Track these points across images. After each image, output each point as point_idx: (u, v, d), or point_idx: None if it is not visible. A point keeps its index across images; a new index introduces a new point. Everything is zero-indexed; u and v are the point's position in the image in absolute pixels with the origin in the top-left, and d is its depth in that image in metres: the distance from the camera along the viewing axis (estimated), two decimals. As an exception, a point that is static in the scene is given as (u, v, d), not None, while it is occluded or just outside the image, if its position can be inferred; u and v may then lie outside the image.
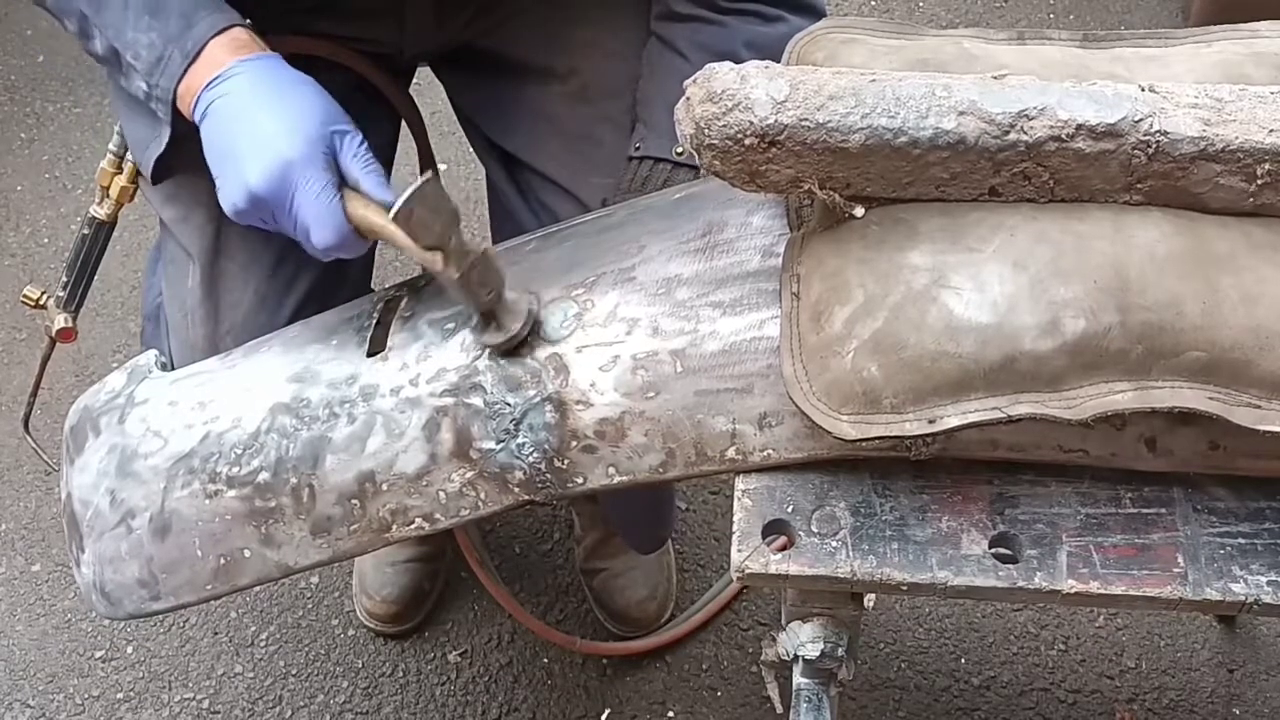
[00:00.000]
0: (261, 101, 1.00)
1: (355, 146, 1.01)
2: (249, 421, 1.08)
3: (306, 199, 0.98)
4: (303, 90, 1.02)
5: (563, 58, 1.30)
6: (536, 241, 1.14)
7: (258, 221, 1.03)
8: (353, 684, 1.72)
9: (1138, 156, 0.90)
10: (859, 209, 0.94)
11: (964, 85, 0.91)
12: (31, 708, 1.71)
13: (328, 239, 0.99)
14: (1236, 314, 0.88)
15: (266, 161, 0.98)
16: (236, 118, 1.01)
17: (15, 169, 2.38)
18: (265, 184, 0.98)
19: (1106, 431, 0.94)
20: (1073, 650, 1.71)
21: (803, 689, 1.06)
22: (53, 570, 1.84)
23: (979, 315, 0.88)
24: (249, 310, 1.24)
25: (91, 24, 1.07)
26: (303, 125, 0.99)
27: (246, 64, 1.02)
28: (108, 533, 1.12)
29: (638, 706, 1.69)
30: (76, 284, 1.33)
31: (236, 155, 1.00)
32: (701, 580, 1.80)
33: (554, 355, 1.02)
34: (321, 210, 0.98)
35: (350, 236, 1.00)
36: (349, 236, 1.00)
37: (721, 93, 0.90)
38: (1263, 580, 0.91)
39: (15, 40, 2.60)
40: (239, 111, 1.01)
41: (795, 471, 0.98)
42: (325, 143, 1.00)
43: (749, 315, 0.99)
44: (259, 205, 1.00)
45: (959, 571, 0.93)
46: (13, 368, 2.08)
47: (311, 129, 0.99)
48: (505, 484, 1.03)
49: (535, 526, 1.85)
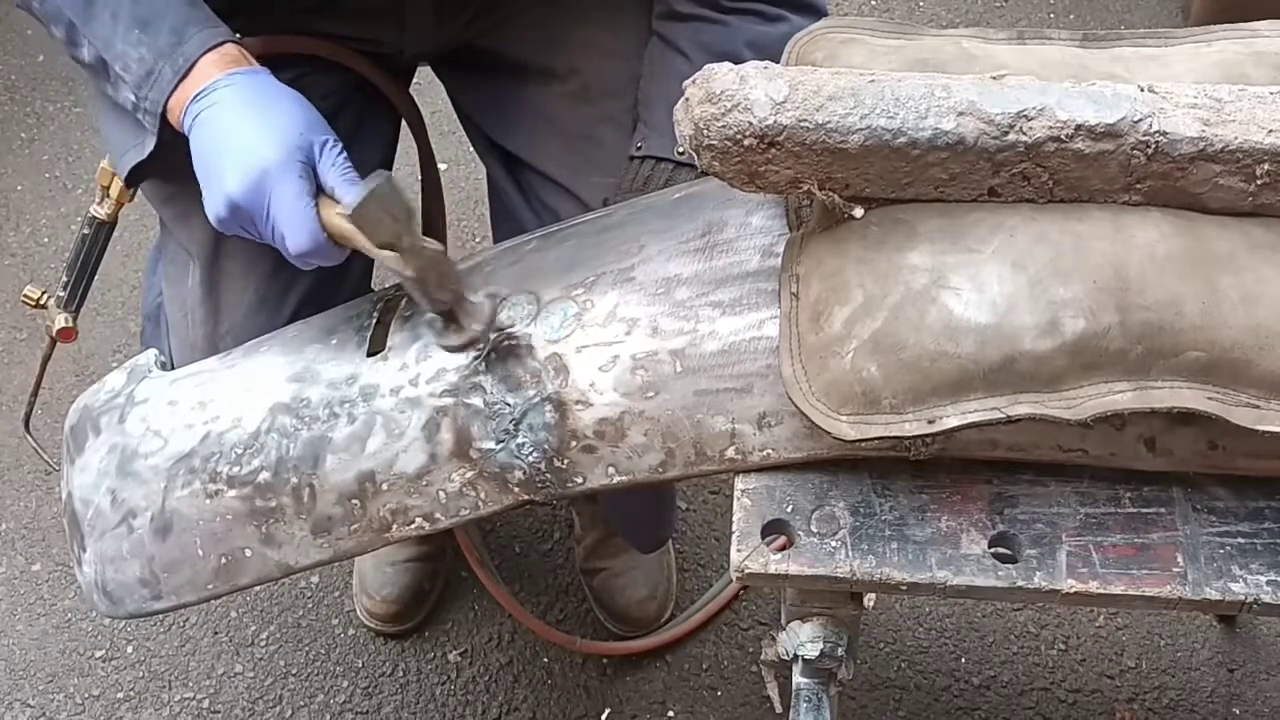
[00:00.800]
0: (244, 113, 1.01)
1: (334, 155, 1.02)
2: (249, 421, 1.09)
3: (282, 206, 0.99)
4: (285, 102, 1.03)
5: (563, 57, 1.30)
6: (537, 241, 1.14)
7: (240, 230, 1.04)
8: (353, 684, 1.72)
9: (1137, 157, 0.90)
10: (858, 209, 0.94)
11: (963, 85, 0.91)
12: (32, 707, 1.72)
13: (302, 245, 1.00)
14: (1236, 314, 0.88)
15: (244, 170, 0.99)
16: (220, 129, 1.02)
17: (15, 169, 2.38)
18: (242, 191, 0.99)
19: (1106, 431, 0.94)
20: (1073, 650, 1.71)
21: (802, 688, 1.06)
22: (53, 570, 1.85)
23: (978, 315, 0.88)
24: (249, 310, 1.24)
25: (80, 33, 1.07)
26: (281, 134, 1.00)
27: (234, 77, 1.03)
28: (109, 532, 1.12)
29: (638, 706, 1.69)
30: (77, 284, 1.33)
31: (218, 165, 1.01)
32: (701, 580, 1.80)
33: (554, 355, 1.02)
34: (296, 217, 0.99)
35: (325, 244, 1.01)
36: (324, 244, 1.01)
37: (720, 93, 0.90)
38: (1262, 580, 0.91)
39: (15, 40, 2.60)
40: (223, 123, 1.02)
41: (795, 471, 0.98)
42: (303, 151, 1.01)
43: (748, 315, 0.99)
44: (238, 213, 1.01)
45: (958, 571, 0.93)
46: (13, 367, 2.08)
47: (290, 138, 1.00)
48: (505, 484, 1.03)
49: (535, 526, 1.85)
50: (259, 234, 1.03)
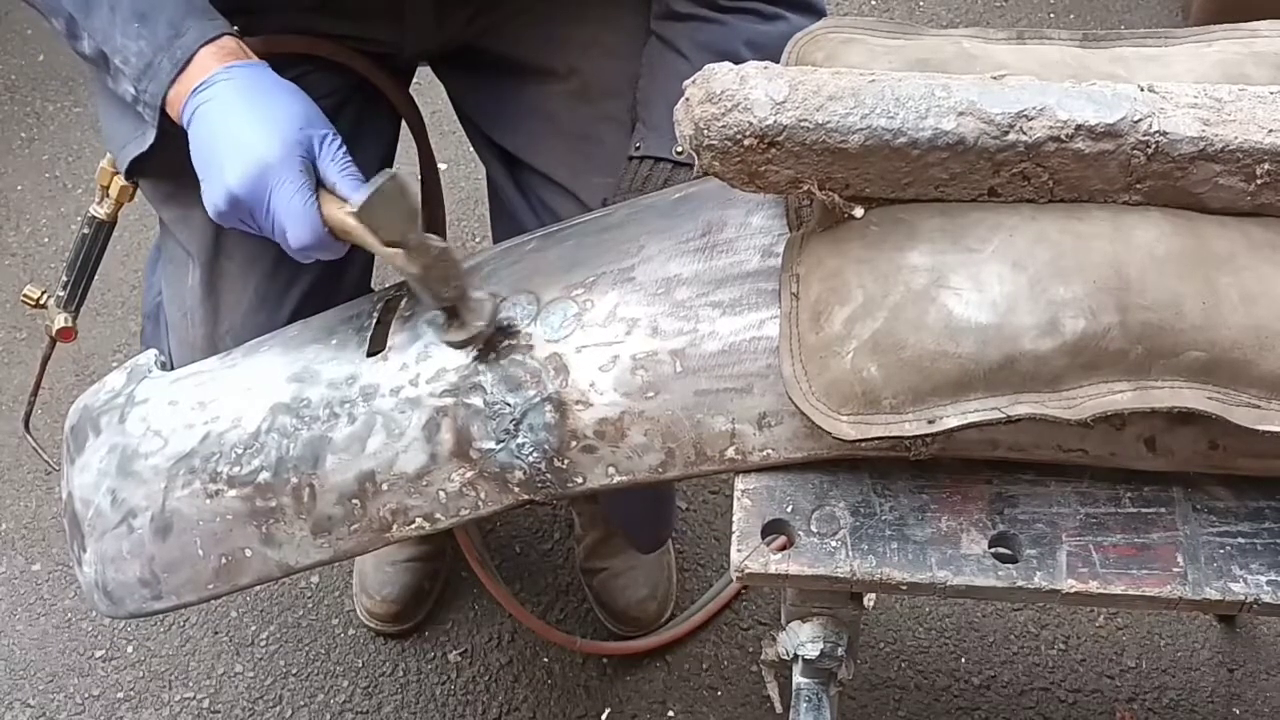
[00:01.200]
0: (243, 107, 1.02)
1: (333, 149, 1.02)
2: (249, 421, 1.09)
3: (282, 200, 0.99)
4: (283, 95, 1.03)
5: (563, 57, 1.30)
6: (537, 241, 1.14)
7: (239, 224, 1.04)
8: (353, 683, 1.72)
9: (1137, 157, 0.90)
10: (858, 209, 0.94)
11: (963, 85, 0.91)
12: (32, 707, 1.72)
13: (303, 239, 1.00)
14: (1236, 314, 0.88)
15: (244, 164, 0.99)
16: (219, 123, 1.02)
17: (15, 168, 2.38)
18: (243, 185, 1.00)
19: (1106, 431, 0.94)
20: (1073, 650, 1.71)
21: (803, 688, 1.06)
22: (53, 570, 1.85)
23: (978, 315, 0.88)
24: (248, 310, 1.24)
25: (80, 26, 1.07)
26: (280, 128, 1.00)
27: (232, 70, 1.03)
28: (109, 532, 1.12)
29: (638, 706, 1.69)
30: (77, 283, 1.33)
31: (217, 158, 1.01)
32: (701, 580, 1.80)
33: (554, 355, 1.02)
34: (297, 211, 1.00)
35: (325, 237, 1.01)
36: (324, 237, 1.01)
37: (720, 93, 0.90)
38: (1262, 579, 0.91)
39: (15, 39, 2.60)
40: (221, 117, 1.02)
41: (795, 471, 0.98)
42: (303, 145, 1.01)
43: (748, 315, 0.99)
44: (238, 206, 1.01)
45: (958, 571, 0.93)
46: (13, 367, 2.08)
47: (289, 132, 1.00)
48: (505, 484, 1.03)
49: (535, 526, 1.85)
50: (258, 227, 1.03)
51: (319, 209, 1.00)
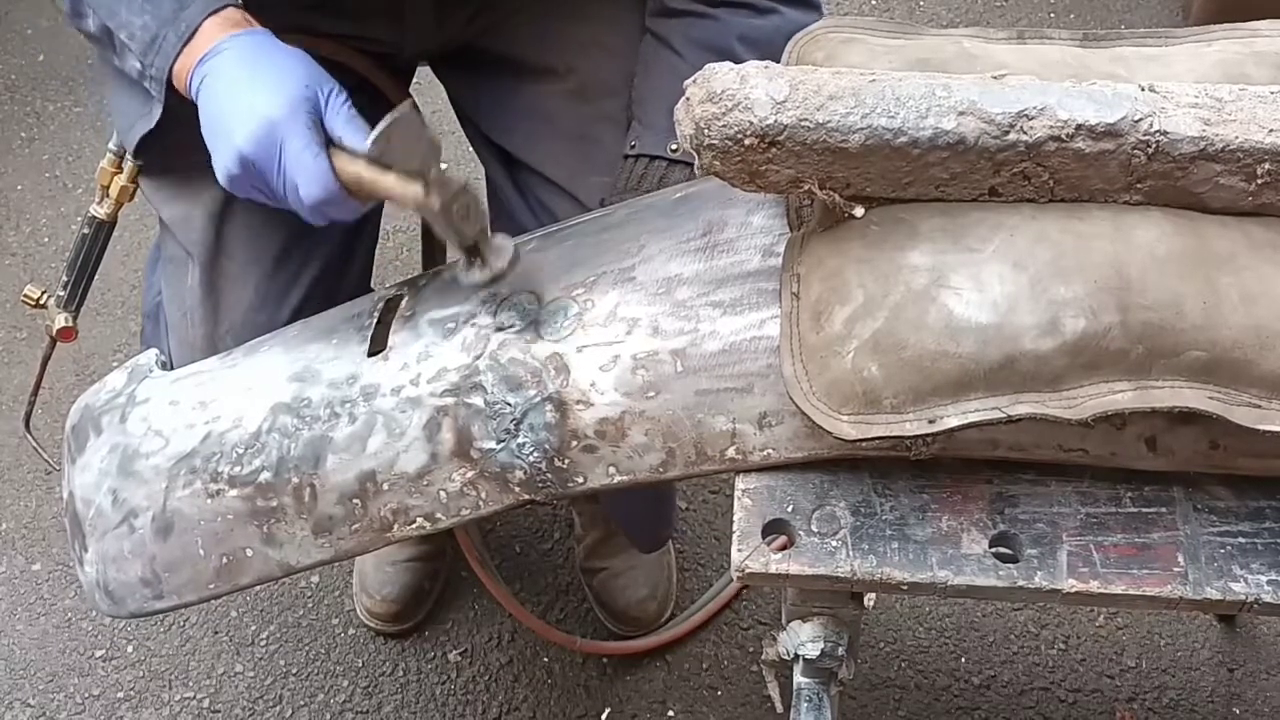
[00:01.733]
0: (248, 71, 1.02)
1: (339, 104, 1.02)
2: (250, 421, 1.09)
3: (293, 155, 0.99)
4: (286, 58, 1.03)
5: (561, 56, 1.30)
6: (536, 241, 1.14)
7: (251, 190, 1.04)
8: (353, 683, 1.72)
9: (1138, 156, 0.90)
10: (859, 209, 0.94)
11: (964, 85, 0.91)
12: (32, 707, 1.72)
13: (315, 193, 1.00)
14: (1237, 313, 0.88)
15: (252, 124, 0.99)
16: (225, 90, 1.02)
17: (15, 168, 2.38)
18: (252, 145, 0.99)
19: (1106, 431, 0.94)
20: (1073, 649, 1.71)
21: (803, 688, 1.06)
22: (53, 569, 1.85)
23: (979, 315, 0.88)
24: (248, 310, 1.24)
25: (85, 4, 1.08)
26: (285, 87, 1.01)
27: (236, 39, 1.03)
28: (110, 532, 1.12)
29: (638, 706, 1.69)
30: (77, 283, 1.33)
31: (225, 124, 1.01)
32: (701, 579, 1.80)
33: (554, 355, 1.02)
34: (308, 165, 0.99)
35: (338, 192, 1.00)
36: (336, 192, 1.00)
37: (721, 93, 0.90)
38: (1263, 579, 0.91)
39: (15, 39, 2.60)
40: (227, 84, 1.02)
41: (795, 471, 0.98)
42: (309, 102, 1.01)
43: (749, 315, 0.99)
44: (249, 169, 1.01)
45: (959, 571, 0.93)
46: (13, 367, 2.08)
47: (294, 90, 1.01)
48: (506, 483, 1.03)
49: (535, 526, 1.85)
50: (270, 191, 1.02)
51: (330, 163, 1.00)
